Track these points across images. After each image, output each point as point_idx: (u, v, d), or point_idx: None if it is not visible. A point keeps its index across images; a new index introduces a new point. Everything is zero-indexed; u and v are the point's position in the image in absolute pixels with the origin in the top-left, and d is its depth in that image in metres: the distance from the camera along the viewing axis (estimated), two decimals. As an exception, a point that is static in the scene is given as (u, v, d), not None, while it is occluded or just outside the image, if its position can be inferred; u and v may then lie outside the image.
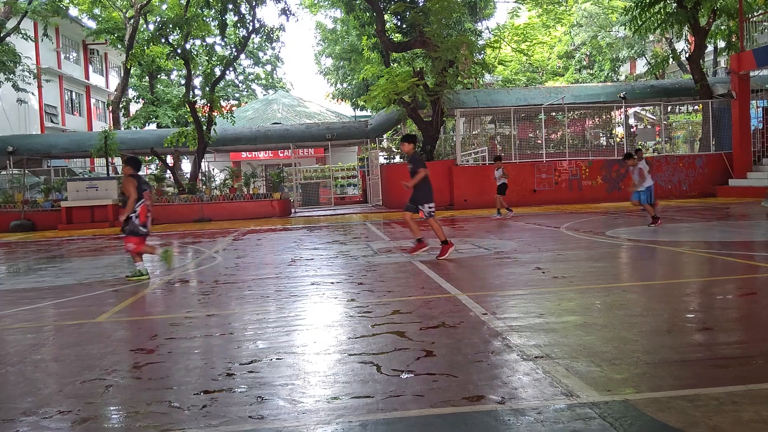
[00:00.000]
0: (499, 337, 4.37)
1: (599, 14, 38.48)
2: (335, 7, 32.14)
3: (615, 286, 6.25)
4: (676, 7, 22.50)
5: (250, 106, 40.04)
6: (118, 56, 44.48)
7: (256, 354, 4.30)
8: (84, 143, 27.84)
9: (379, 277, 7.46)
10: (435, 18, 22.15)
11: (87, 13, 34.78)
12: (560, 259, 8.19)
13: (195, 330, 5.15)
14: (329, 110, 38.94)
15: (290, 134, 28.83)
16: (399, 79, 21.98)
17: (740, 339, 4.21)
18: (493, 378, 3.55)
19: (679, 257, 8.23)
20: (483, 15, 34.39)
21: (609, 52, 40.04)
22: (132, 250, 8.24)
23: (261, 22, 26.16)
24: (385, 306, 5.69)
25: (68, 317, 6.03)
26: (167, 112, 34.60)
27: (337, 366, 3.94)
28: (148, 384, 3.79)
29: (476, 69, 25.78)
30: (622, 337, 4.26)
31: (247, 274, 8.41)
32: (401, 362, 3.91)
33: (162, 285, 7.84)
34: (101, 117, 46.59)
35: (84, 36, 39.03)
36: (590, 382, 3.37)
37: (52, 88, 39.13)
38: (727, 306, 5.30)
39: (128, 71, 33.42)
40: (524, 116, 28.21)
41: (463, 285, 6.61)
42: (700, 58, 24.29)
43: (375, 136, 28.93)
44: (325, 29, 39.25)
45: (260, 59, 48.87)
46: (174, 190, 25.68)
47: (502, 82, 41.90)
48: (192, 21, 24.30)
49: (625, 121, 26.52)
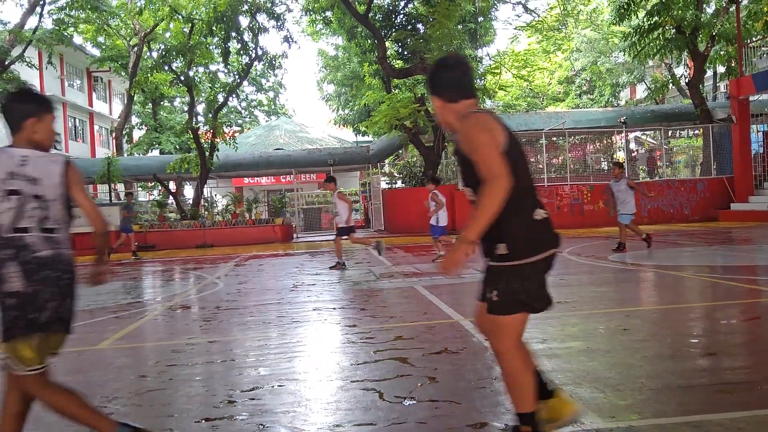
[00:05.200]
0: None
1: (599, 40, 38.80)
2: (337, 34, 32.41)
3: (618, 311, 6.22)
4: (675, 33, 22.70)
5: (253, 132, 40.23)
6: (121, 83, 44.82)
7: (258, 381, 4.28)
8: (87, 170, 27.92)
9: (381, 303, 7.44)
10: (436, 45, 22.35)
11: (91, 41, 35.15)
12: (563, 284, 8.17)
13: (196, 356, 5.13)
14: (331, 136, 39.12)
15: (292, 160, 28.95)
16: (400, 104, 22.12)
17: (744, 364, 4.18)
18: (496, 405, 3.52)
19: (682, 282, 8.20)
20: (483, 42, 34.68)
21: (609, 78, 40.30)
22: None
23: (263, 50, 26.41)
24: (388, 332, 5.67)
25: (69, 344, 5.99)
26: (170, 139, 34.75)
27: (339, 393, 3.92)
28: (149, 411, 3.77)
29: (477, 95, 25.91)
30: (626, 362, 4.24)
31: (249, 299, 8.39)
32: (404, 389, 3.89)
33: (164, 311, 7.82)
34: (104, 143, 46.84)
35: (88, 63, 39.35)
36: (594, 408, 3.34)
37: (56, 115, 39.38)
38: (730, 331, 5.27)
39: (132, 98, 33.67)
40: (525, 141, 28.29)
41: (466, 310, 6.58)
42: (700, 83, 24.44)
43: (377, 161, 29.03)
44: (327, 56, 39.58)
45: (263, 86, 49.21)
46: (176, 216, 25.72)
47: (503, 107, 42.09)
48: (195, 48, 24.54)
49: (626, 145, 26.61)
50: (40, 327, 2.75)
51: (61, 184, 2.84)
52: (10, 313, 2.72)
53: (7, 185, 2.73)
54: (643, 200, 20.32)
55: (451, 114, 2.82)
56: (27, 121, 2.86)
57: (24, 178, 2.75)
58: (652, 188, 21.60)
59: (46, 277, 2.74)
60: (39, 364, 2.80)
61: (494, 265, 2.69)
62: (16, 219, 2.73)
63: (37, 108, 2.91)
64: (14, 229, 2.73)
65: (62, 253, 2.82)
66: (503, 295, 2.65)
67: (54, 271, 2.77)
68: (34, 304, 2.72)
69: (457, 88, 2.81)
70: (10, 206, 2.73)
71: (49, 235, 2.78)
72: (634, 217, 11.83)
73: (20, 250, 2.72)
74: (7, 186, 2.73)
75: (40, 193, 2.77)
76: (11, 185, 2.73)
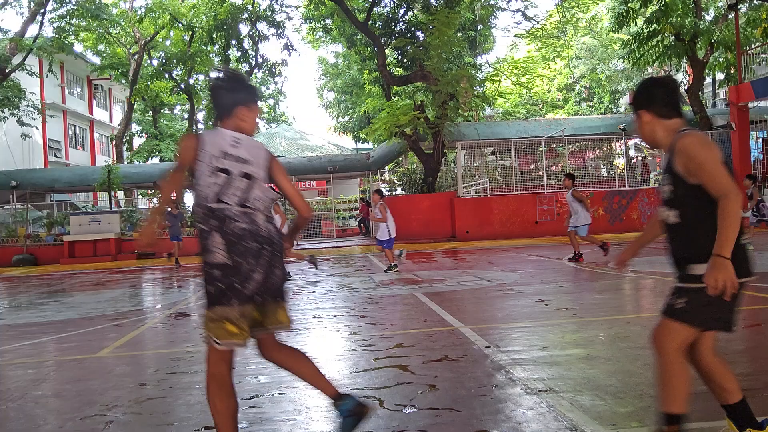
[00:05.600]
0: (502, 371, 4.34)
1: (598, 47, 38.93)
2: (337, 42, 32.53)
3: (618, 317, 6.22)
4: (674, 40, 22.75)
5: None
6: (122, 91, 44.87)
7: (258, 389, 4.27)
8: (87, 177, 27.98)
9: (381, 310, 7.44)
10: (435, 52, 22.41)
11: (92, 49, 35.21)
12: (563, 291, 8.17)
13: (196, 365, 5.11)
14: (331, 143, 39.15)
15: (292, 167, 28.95)
16: (400, 112, 22.16)
17: (746, 371, 4.18)
18: (496, 412, 3.51)
19: (683, 288, 8.17)
20: (483, 49, 34.81)
21: (608, 85, 40.40)
22: None
23: (264, 58, 26.59)
24: (388, 339, 5.66)
25: (69, 352, 6.00)
26: (170, 146, 34.74)
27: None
28: (149, 420, 3.76)
29: (476, 102, 26.00)
30: (627, 369, 4.23)
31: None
32: (404, 396, 3.88)
33: (164, 319, 7.81)
34: (104, 151, 46.89)
35: (88, 71, 39.42)
36: (595, 416, 3.33)
37: (56, 123, 39.44)
38: (732, 338, 5.25)
39: (132, 106, 33.73)
40: (525, 148, 28.36)
41: (466, 317, 6.58)
42: (699, 90, 24.48)
43: (377, 168, 29.05)
44: (327, 64, 39.70)
45: (263, 93, 49.34)
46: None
47: (503, 114, 42.19)
48: (195, 56, 24.66)
49: (625, 152, 26.64)
50: (245, 299, 2.80)
51: (265, 168, 2.98)
52: (215, 284, 2.79)
53: (219, 163, 2.85)
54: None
55: (662, 130, 2.85)
56: (238, 109, 2.99)
57: (234, 159, 2.88)
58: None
59: (247, 249, 2.81)
60: (239, 338, 2.84)
61: (691, 286, 2.74)
62: (220, 193, 2.84)
63: (249, 97, 3.05)
64: (219, 200, 2.84)
65: (261, 227, 2.90)
66: (691, 306, 2.71)
67: (255, 242, 2.84)
68: (239, 276, 2.78)
69: (670, 105, 2.86)
70: (216, 182, 2.84)
71: (248, 210, 2.88)
72: (588, 228, 11.96)
73: (223, 221, 2.81)
74: (218, 164, 2.85)
75: (247, 172, 2.90)
76: (222, 164, 2.85)
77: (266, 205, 2.96)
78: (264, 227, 2.90)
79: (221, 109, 3.01)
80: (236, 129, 2.98)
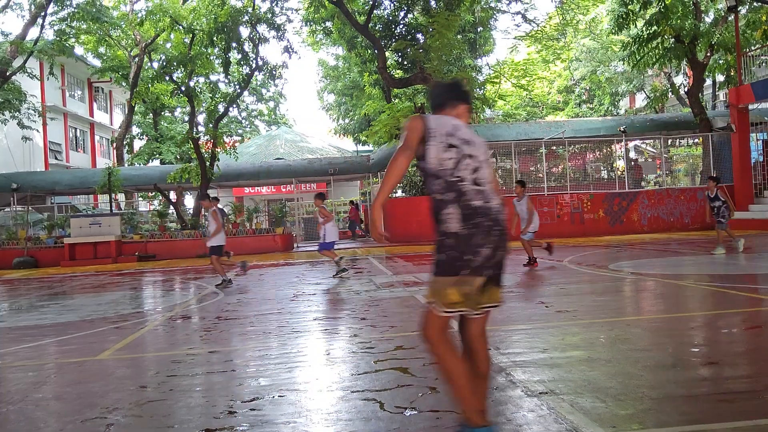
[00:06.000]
0: (503, 373, 4.34)
1: (598, 50, 38.94)
2: (337, 44, 32.58)
3: (619, 320, 6.21)
4: (674, 42, 22.76)
5: (253, 141, 40.30)
6: (122, 94, 44.93)
7: (258, 391, 4.27)
8: (88, 180, 27.99)
9: (381, 312, 7.43)
10: (435, 55, 22.44)
11: (92, 51, 35.24)
12: (563, 293, 8.16)
13: (197, 367, 5.12)
14: (331, 145, 39.17)
15: (293, 169, 28.98)
16: (400, 114, 22.19)
17: (746, 373, 4.18)
18: (497, 415, 3.51)
19: (683, 291, 8.19)
20: (483, 51, 34.83)
21: (608, 87, 40.42)
22: None
23: (264, 60, 26.51)
24: (388, 341, 5.66)
25: (70, 355, 6.00)
26: (171, 149, 34.78)
27: (339, 403, 3.91)
28: (149, 422, 3.76)
29: (477, 104, 26.00)
30: (627, 372, 4.23)
31: (249, 309, 8.39)
32: (405, 399, 3.88)
33: (164, 321, 7.82)
34: (105, 154, 46.92)
35: (89, 74, 39.45)
36: (595, 418, 3.33)
37: (57, 126, 39.48)
38: (732, 340, 5.26)
39: (132, 108, 33.75)
40: (525, 150, 28.34)
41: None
42: (699, 92, 24.50)
43: (377, 170, 29.04)
44: (327, 66, 39.74)
45: (263, 96, 49.35)
46: (177, 226, 25.72)
47: (503, 116, 42.22)
48: (196, 59, 24.62)
49: (625, 154, 26.64)
50: (473, 270, 2.91)
51: (484, 152, 3.11)
52: (446, 253, 2.93)
53: (451, 140, 3.01)
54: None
55: None
56: (460, 107, 3.25)
57: (459, 139, 3.03)
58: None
59: (478, 224, 2.94)
60: (461, 306, 2.95)
61: None
62: (456, 167, 2.99)
63: (468, 100, 3.33)
64: (454, 175, 2.98)
65: (492, 207, 3.00)
66: None
67: (486, 219, 2.96)
68: (469, 247, 2.91)
69: None
70: (450, 156, 2.99)
71: (479, 188, 3.00)
72: (533, 235, 11.88)
73: (459, 195, 2.96)
74: (451, 141, 3.01)
75: (473, 153, 3.04)
76: (453, 141, 3.01)
77: (492, 186, 3.07)
78: (495, 207, 3.01)
79: (444, 102, 3.25)
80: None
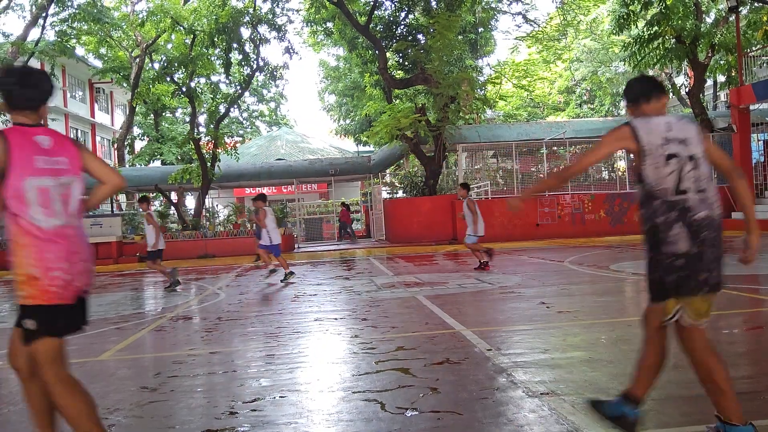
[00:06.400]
0: (504, 374, 4.34)
1: (599, 50, 38.94)
2: (338, 45, 32.58)
3: (620, 320, 6.22)
4: (675, 43, 22.76)
5: (254, 142, 40.31)
6: (123, 95, 44.92)
7: (260, 392, 4.27)
8: (89, 180, 27.93)
9: (382, 313, 7.44)
10: (436, 55, 22.43)
11: (93, 52, 35.25)
12: (565, 294, 8.16)
13: (198, 368, 5.12)
14: (332, 146, 39.17)
15: (293, 170, 28.99)
16: (401, 115, 22.17)
17: (747, 374, 4.17)
18: (498, 415, 3.51)
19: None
20: (483, 52, 34.82)
21: (609, 87, 40.41)
22: None
23: (265, 61, 26.53)
24: (389, 342, 5.66)
25: (71, 355, 5.99)
26: (172, 149, 34.80)
27: (341, 404, 3.91)
28: (150, 423, 3.76)
29: (478, 105, 26.01)
30: (628, 372, 4.21)
31: (251, 310, 8.39)
32: (406, 399, 3.88)
33: (166, 322, 7.82)
34: (106, 154, 46.91)
35: (90, 75, 39.47)
36: (596, 418, 3.33)
37: (58, 127, 39.47)
38: (733, 340, 5.26)
39: (133, 109, 33.76)
40: (526, 151, 28.35)
41: (468, 320, 6.58)
42: (700, 93, 24.49)
43: (378, 171, 29.08)
44: (328, 67, 39.73)
45: (264, 96, 49.34)
46: (178, 227, 25.73)
47: (504, 117, 42.21)
48: (197, 60, 24.63)
49: (626, 155, 26.61)
50: (711, 287, 2.91)
51: (699, 142, 2.95)
52: (678, 273, 2.87)
53: (666, 150, 2.87)
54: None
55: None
56: (663, 98, 3.10)
57: (677, 141, 2.89)
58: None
59: (705, 238, 2.85)
60: (706, 317, 3.04)
61: None
62: (679, 182, 2.86)
63: (659, 90, 3.14)
64: (677, 191, 2.86)
65: (714, 214, 2.91)
66: None
67: (711, 231, 2.87)
68: (702, 265, 2.85)
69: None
70: (671, 170, 2.86)
71: (703, 195, 2.88)
72: (477, 238, 11.68)
73: (683, 212, 2.85)
74: (665, 151, 2.87)
75: (692, 153, 2.90)
76: (669, 149, 2.87)
77: (712, 184, 2.97)
78: (717, 213, 2.92)
79: (638, 99, 3.10)
80: (656, 114, 3.05)
